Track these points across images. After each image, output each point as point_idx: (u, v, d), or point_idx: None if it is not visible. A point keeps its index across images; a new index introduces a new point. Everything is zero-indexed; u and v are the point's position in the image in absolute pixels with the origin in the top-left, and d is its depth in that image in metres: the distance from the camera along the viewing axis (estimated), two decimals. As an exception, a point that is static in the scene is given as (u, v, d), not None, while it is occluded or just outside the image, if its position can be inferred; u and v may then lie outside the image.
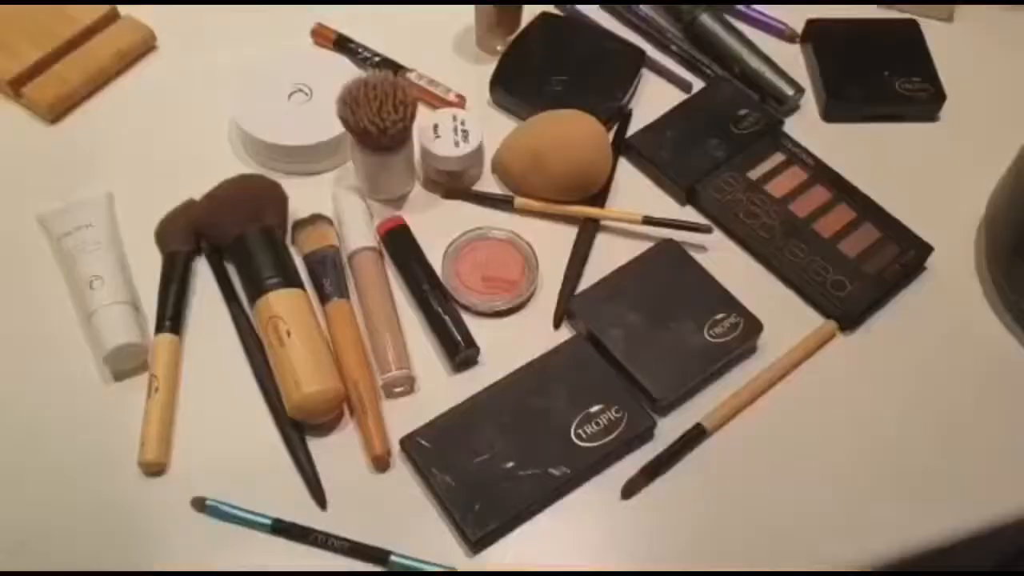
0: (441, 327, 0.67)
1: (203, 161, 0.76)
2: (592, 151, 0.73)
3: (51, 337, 0.68)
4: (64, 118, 0.79)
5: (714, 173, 0.75)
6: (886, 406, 0.67)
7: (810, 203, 0.74)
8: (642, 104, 0.82)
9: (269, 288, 0.66)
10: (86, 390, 0.65)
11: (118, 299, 0.66)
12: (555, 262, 0.72)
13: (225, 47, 0.84)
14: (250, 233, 0.68)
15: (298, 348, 0.63)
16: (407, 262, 0.71)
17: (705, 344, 0.66)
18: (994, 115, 0.82)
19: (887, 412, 0.66)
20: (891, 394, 0.67)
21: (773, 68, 0.82)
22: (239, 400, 0.65)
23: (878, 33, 0.86)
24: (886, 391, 0.67)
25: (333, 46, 0.83)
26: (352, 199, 0.73)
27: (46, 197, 0.73)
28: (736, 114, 0.79)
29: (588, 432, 0.62)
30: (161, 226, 0.72)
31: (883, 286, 0.70)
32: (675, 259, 0.71)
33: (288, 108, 0.76)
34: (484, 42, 0.84)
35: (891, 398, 0.67)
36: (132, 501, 0.61)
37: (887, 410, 0.66)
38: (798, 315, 0.71)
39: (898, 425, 0.66)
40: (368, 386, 0.64)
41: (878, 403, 0.67)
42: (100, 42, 0.82)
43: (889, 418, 0.66)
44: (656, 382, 0.65)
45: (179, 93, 0.81)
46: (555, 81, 0.80)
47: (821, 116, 0.82)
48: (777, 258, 0.72)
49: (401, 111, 0.68)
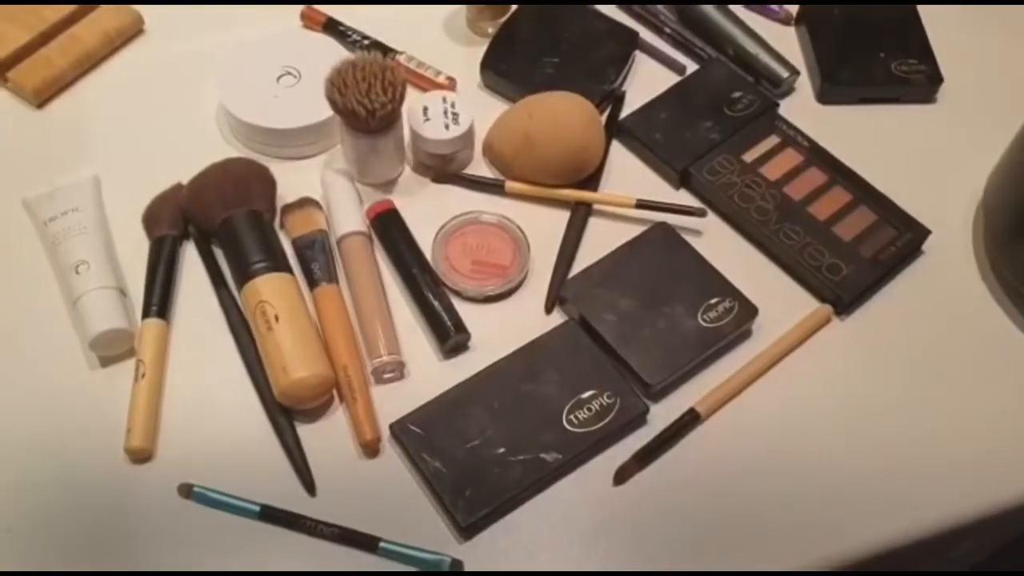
0: (431, 312, 0.66)
1: (191, 145, 0.75)
2: (584, 134, 0.73)
3: (37, 322, 0.67)
4: (51, 102, 0.78)
5: (708, 156, 0.75)
6: (882, 391, 0.66)
7: (805, 186, 0.73)
8: (635, 86, 0.81)
9: (257, 272, 0.65)
10: (72, 376, 0.65)
11: (104, 284, 0.65)
12: (547, 246, 0.71)
13: (213, 30, 0.83)
14: (237, 217, 0.67)
15: (286, 333, 0.62)
16: (397, 247, 0.70)
17: (699, 328, 0.66)
18: (992, 97, 0.81)
19: (883, 397, 0.66)
20: (887, 378, 0.66)
21: (767, 50, 0.81)
22: (227, 385, 0.64)
23: (874, 14, 0.84)
24: (882, 375, 0.67)
25: (322, 29, 0.82)
26: (341, 183, 0.72)
27: (32, 182, 0.72)
28: (730, 96, 0.78)
29: (580, 418, 0.61)
30: (148, 210, 0.71)
31: (879, 269, 0.69)
32: (669, 243, 0.70)
33: (276, 91, 0.75)
34: (475, 24, 0.83)
35: (887, 383, 0.66)
36: (118, 488, 0.60)
37: (883, 395, 0.66)
38: (793, 299, 0.70)
39: (894, 410, 0.65)
40: (357, 371, 0.63)
41: (874, 388, 0.66)
42: (87, 25, 0.81)
43: (885, 403, 0.65)
44: (649, 367, 0.64)
45: (167, 76, 0.80)
46: (547, 63, 0.79)
47: (816, 98, 0.81)
48: (772, 241, 0.71)
49: (390, 92, 0.67)
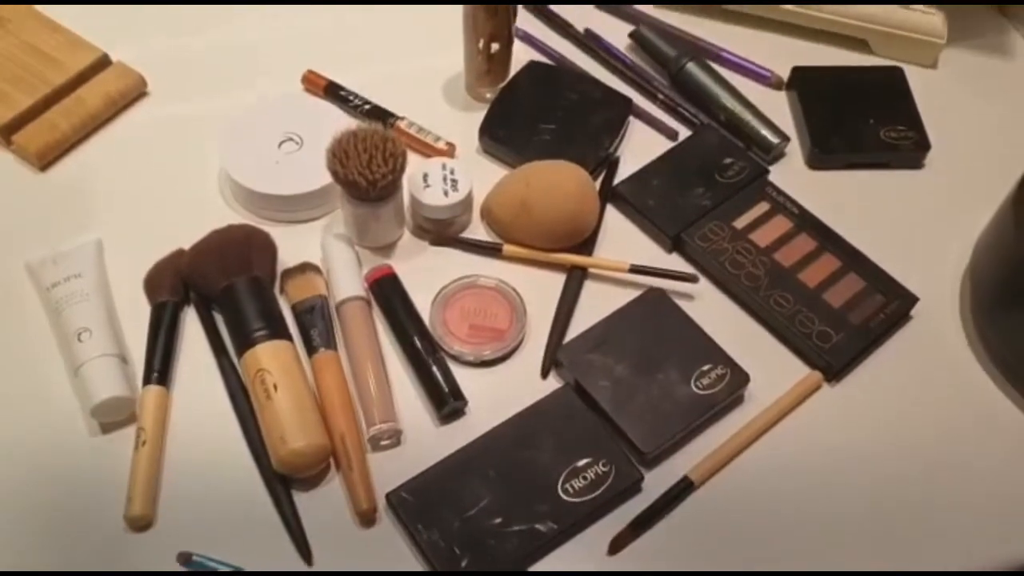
0: (428, 378, 0.67)
1: (193, 209, 0.76)
2: (579, 201, 0.74)
3: (39, 387, 0.68)
4: (54, 165, 0.79)
5: (700, 222, 0.76)
6: (872, 456, 0.67)
7: (795, 252, 0.74)
8: (629, 151, 0.83)
9: (257, 340, 0.66)
10: (73, 442, 0.65)
11: (106, 351, 0.66)
12: (543, 309, 0.72)
13: (216, 93, 0.84)
14: (238, 284, 0.68)
15: (284, 402, 0.63)
16: (395, 311, 0.71)
17: (692, 395, 0.67)
18: (978, 163, 0.83)
19: (873, 462, 0.67)
20: (878, 444, 0.67)
21: (758, 116, 0.83)
22: (226, 453, 0.65)
23: (863, 80, 0.86)
24: (872, 441, 0.68)
25: (324, 93, 0.84)
26: (341, 247, 0.73)
27: (35, 245, 0.73)
28: (721, 162, 0.79)
29: (575, 487, 0.62)
30: (150, 276, 0.72)
31: (868, 336, 0.71)
32: (662, 308, 0.72)
33: (278, 156, 0.77)
34: (474, 89, 0.85)
35: (878, 448, 0.67)
36: (118, 555, 0.61)
37: (873, 460, 0.67)
38: (784, 365, 0.71)
39: (884, 475, 0.66)
40: (354, 440, 0.64)
41: (864, 453, 0.67)
42: (91, 88, 0.82)
43: (875, 468, 0.66)
44: (643, 435, 0.65)
45: (169, 139, 0.82)
46: (543, 129, 0.81)
47: (806, 164, 0.83)
48: (763, 308, 0.72)
49: (391, 163, 0.69)
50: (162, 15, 0.90)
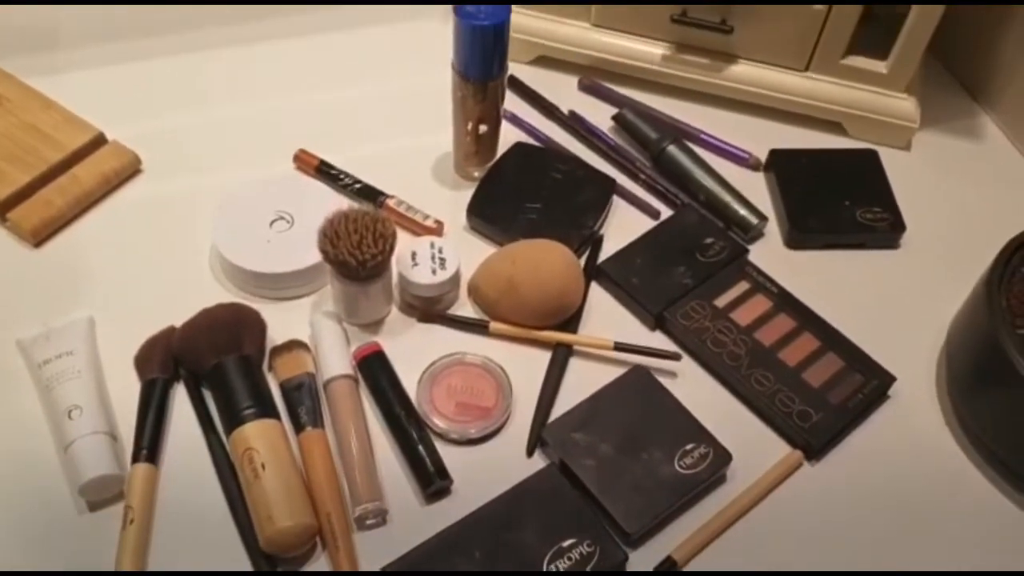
0: (415, 457, 0.68)
1: (184, 286, 0.78)
2: (564, 279, 0.76)
3: (27, 464, 0.68)
4: (48, 241, 0.81)
5: (682, 300, 0.78)
6: (853, 534, 0.68)
7: (775, 332, 0.76)
8: (613, 227, 0.85)
9: (245, 419, 0.67)
10: (60, 520, 0.65)
11: (96, 429, 0.66)
12: (529, 386, 0.74)
13: (209, 171, 0.86)
14: (228, 362, 0.69)
15: (272, 482, 0.63)
16: (382, 389, 0.72)
17: (676, 475, 0.67)
18: (953, 243, 0.86)
19: (854, 540, 0.67)
20: (858, 522, 0.68)
21: (737, 197, 0.85)
22: (213, 531, 0.65)
23: (839, 162, 0.89)
24: (853, 519, 0.69)
25: (315, 172, 0.86)
26: (329, 325, 0.75)
27: (28, 321, 0.74)
28: (702, 242, 0.81)
29: (560, 567, 0.63)
30: (140, 352, 0.73)
31: (847, 415, 0.72)
32: (645, 387, 0.73)
33: (269, 235, 0.78)
34: (462, 168, 0.87)
35: (858, 526, 0.68)
36: (102, 637, 0.61)
37: (854, 538, 0.68)
38: (766, 443, 0.72)
39: (865, 552, 0.67)
40: (340, 519, 0.64)
41: (845, 531, 0.68)
42: (87, 167, 0.84)
43: (856, 546, 0.67)
44: (627, 515, 0.65)
45: (162, 217, 0.83)
46: (530, 208, 0.83)
47: (784, 243, 0.85)
48: (744, 386, 0.73)
49: (381, 244, 0.70)
50: (158, 94, 0.93)
